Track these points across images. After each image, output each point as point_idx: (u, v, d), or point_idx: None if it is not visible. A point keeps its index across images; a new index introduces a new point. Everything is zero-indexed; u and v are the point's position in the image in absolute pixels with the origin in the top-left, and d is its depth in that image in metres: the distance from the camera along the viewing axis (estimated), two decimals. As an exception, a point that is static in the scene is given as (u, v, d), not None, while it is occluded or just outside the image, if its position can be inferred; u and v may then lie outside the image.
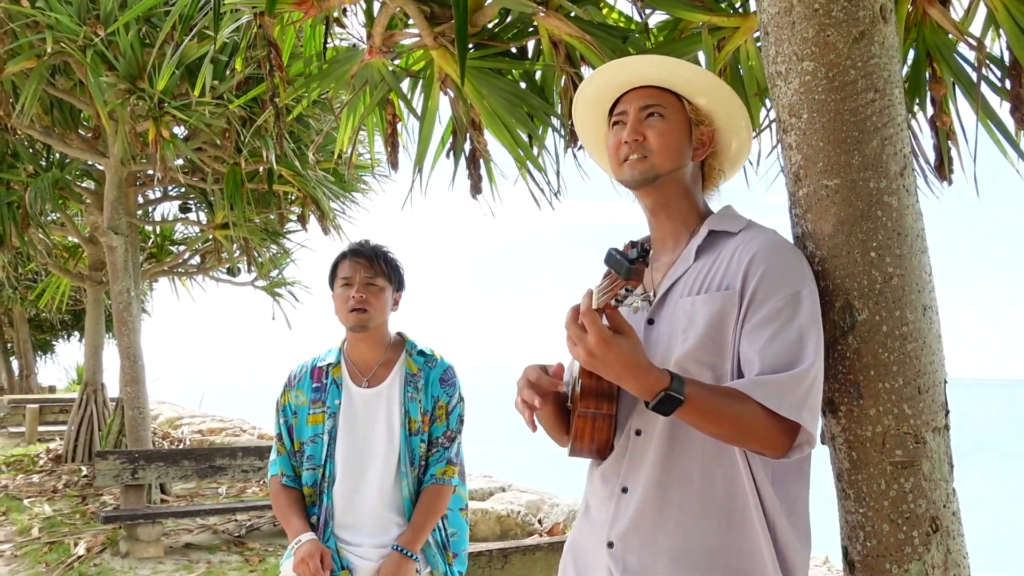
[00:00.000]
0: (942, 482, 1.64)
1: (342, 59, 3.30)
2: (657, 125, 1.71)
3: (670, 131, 1.71)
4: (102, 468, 6.30)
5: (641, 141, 1.71)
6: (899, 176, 1.64)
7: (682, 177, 1.73)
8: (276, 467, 2.66)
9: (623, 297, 1.42)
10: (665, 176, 1.71)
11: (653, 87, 1.75)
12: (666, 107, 1.72)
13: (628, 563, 1.63)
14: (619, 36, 3.31)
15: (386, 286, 2.58)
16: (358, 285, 2.54)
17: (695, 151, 1.74)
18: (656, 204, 1.76)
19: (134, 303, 7.95)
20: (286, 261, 11.07)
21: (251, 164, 7.52)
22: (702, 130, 1.75)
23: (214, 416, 14.48)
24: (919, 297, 1.63)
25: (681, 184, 1.74)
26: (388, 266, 2.60)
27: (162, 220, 10.90)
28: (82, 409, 10.27)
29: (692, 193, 1.76)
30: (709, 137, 1.75)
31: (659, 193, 1.74)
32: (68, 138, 8.20)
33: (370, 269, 2.56)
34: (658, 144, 1.70)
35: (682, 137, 1.72)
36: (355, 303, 2.52)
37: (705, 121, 1.75)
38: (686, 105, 1.74)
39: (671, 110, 1.72)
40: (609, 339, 1.43)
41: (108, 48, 6.25)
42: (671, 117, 1.72)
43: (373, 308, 2.54)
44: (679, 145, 1.72)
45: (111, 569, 5.76)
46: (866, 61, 1.63)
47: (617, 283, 1.40)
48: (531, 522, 5.89)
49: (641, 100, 1.74)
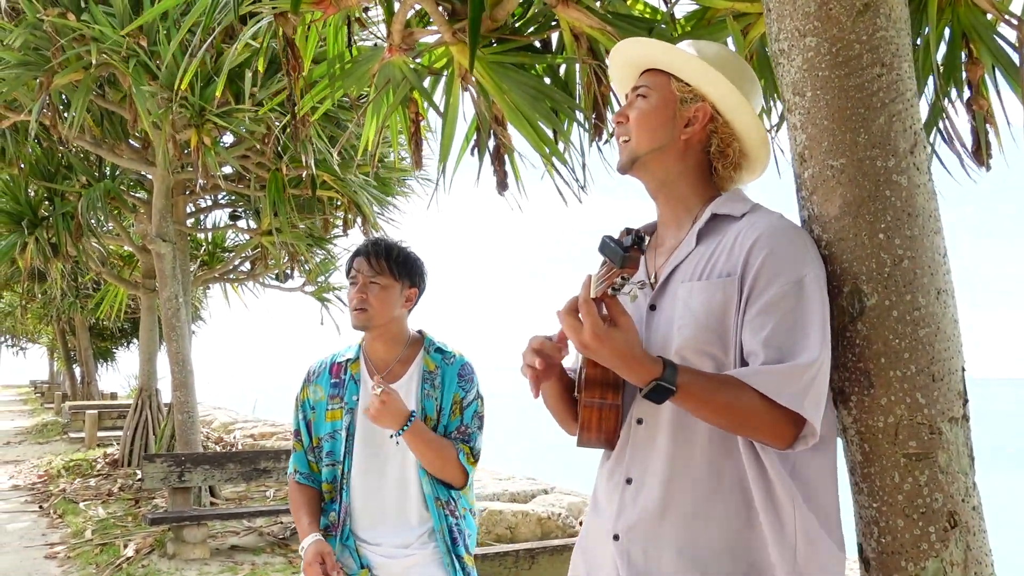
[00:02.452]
0: (960, 475, 1.55)
1: (363, 59, 3.30)
2: (639, 105, 1.69)
3: (648, 110, 1.68)
4: (150, 471, 6.41)
5: (624, 123, 1.70)
6: (909, 154, 1.56)
7: (669, 157, 1.67)
8: (292, 465, 2.66)
9: (619, 286, 1.39)
10: (646, 156, 1.67)
11: (650, 70, 1.72)
12: (651, 87, 1.69)
13: (633, 556, 1.59)
14: (644, 27, 3.25)
15: (391, 284, 2.56)
16: (360, 284, 2.54)
17: (684, 128, 1.67)
18: (650, 186, 1.72)
19: (183, 309, 8.09)
20: (333, 266, 11.19)
21: (292, 170, 7.61)
22: (692, 107, 1.67)
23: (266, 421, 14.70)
24: (932, 280, 1.55)
25: (672, 164, 1.68)
26: (392, 264, 2.57)
27: (213, 227, 11.11)
28: (137, 414, 10.51)
29: (690, 174, 1.69)
30: (703, 113, 1.67)
31: (647, 174, 1.70)
32: (118, 149, 8.40)
33: (371, 268, 2.55)
34: (635, 125, 1.68)
35: (663, 115, 1.67)
36: (355, 303, 2.53)
37: (695, 97, 1.67)
38: (673, 83, 1.68)
39: (655, 89, 1.69)
40: (603, 332, 1.40)
41: (151, 58, 6.38)
42: (653, 96, 1.68)
43: (373, 307, 2.52)
44: (658, 124, 1.67)
45: (158, 570, 5.86)
46: (871, 34, 1.56)
47: (613, 272, 1.37)
48: (572, 524, 5.83)
49: (638, 82, 1.73)
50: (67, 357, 25.04)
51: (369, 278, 2.54)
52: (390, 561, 2.53)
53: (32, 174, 8.88)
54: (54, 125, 7.16)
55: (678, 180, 1.69)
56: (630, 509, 1.61)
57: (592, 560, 1.71)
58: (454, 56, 3.16)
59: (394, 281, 2.56)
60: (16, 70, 6.54)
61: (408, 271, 2.59)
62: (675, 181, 1.69)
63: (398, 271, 2.57)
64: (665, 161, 1.68)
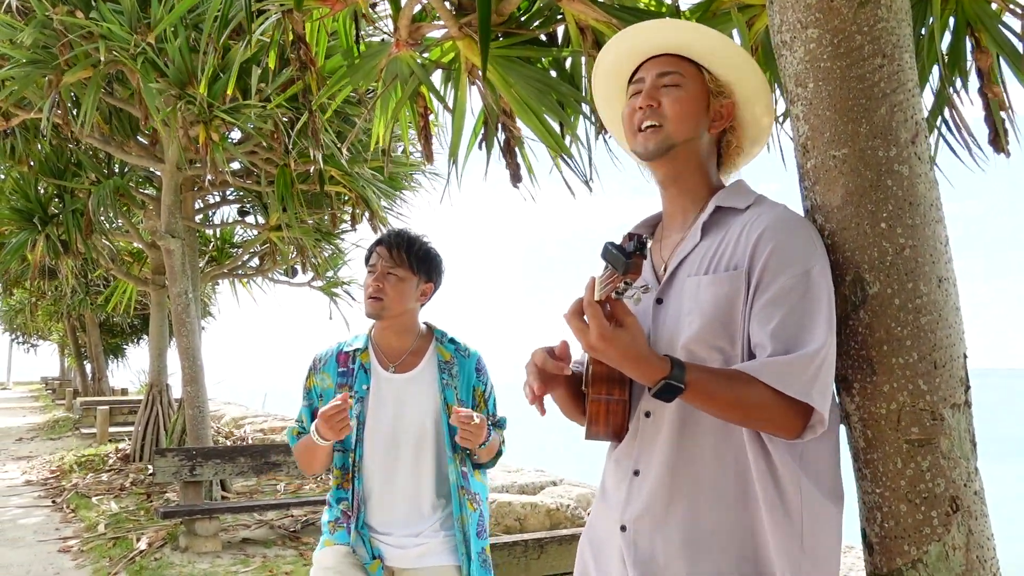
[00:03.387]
0: (962, 460, 1.57)
1: (371, 54, 3.32)
2: (673, 92, 1.66)
3: (686, 99, 1.66)
4: (161, 465, 6.47)
5: (656, 107, 1.66)
6: (910, 144, 1.58)
7: (696, 149, 1.69)
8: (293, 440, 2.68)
9: (623, 290, 1.40)
10: (679, 146, 1.66)
11: (671, 56, 1.70)
12: (684, 75, 1.68)
13: (640, 547, 1.61)
14: (648, 19, 3.26)
15: (408, 276, 2.60)
16: (377, 274, 2.58)
17: (712, 123, 1.69)
18: (668, 177, 1.72)
19: (192, 305, 8.14)
20: (341, 261, 11.22)
21: (300, 165, 7.64)
22: (721, 102, 1.69)
23: (276, 415, 14.76)
24: (933, 268, 1.57)
25: (695, 157, 1.69)
26: (412, 257, 2.61)
27: (221, 223, 11.16)
28: (148, 409, 10.57)
29: (705, 167, 1.71)
30: (728, 110, 1.70)
31: (672, 165, 1.69)
32: (127, 146, 8.44)
33: (391, 259, 2.59)
34: (673, 112, 1.65)
35: (699, 107, 1.67)
36: (371, 291, 2.56)
37: (724, 92, 1.69)
38: (705, 75, 1.69)
39: (689, 78, 1.68)
40: (609, 334, 1.41)
41: (159, 55, 6.41)
42: (688, 86, 1.67)
43: (388, 298, 2.57)
44: (695, 115, 1.67)
45: (170, 563, 5.91)
46: (872, 25, 1.58)
47: (616, 277, 1.38)
48: (581, 515, 5.86)
49: (659, 67, 1.70)
50: (78, 353, 25.17)
51: (387, 268, 2.58)
52: (401, 551, 2.56)
53: (42, 172, 8.93)
54: (64, 123, 7.20)
55: (694, 172, 1.70)
56: (637, 500, 1.63)
57: (599, 549, 1.73)
58: (461, 50, 3.18)
59: (412, 274, 2.60)
60: (26, 68, 6.58)
61: (427, 266, 2.63)
62: (691, 173, 1.70)
63: (417, 265, 2.61)
64: (692, 152, 1.69)
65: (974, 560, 1.56)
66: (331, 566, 2.54)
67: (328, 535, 2.64)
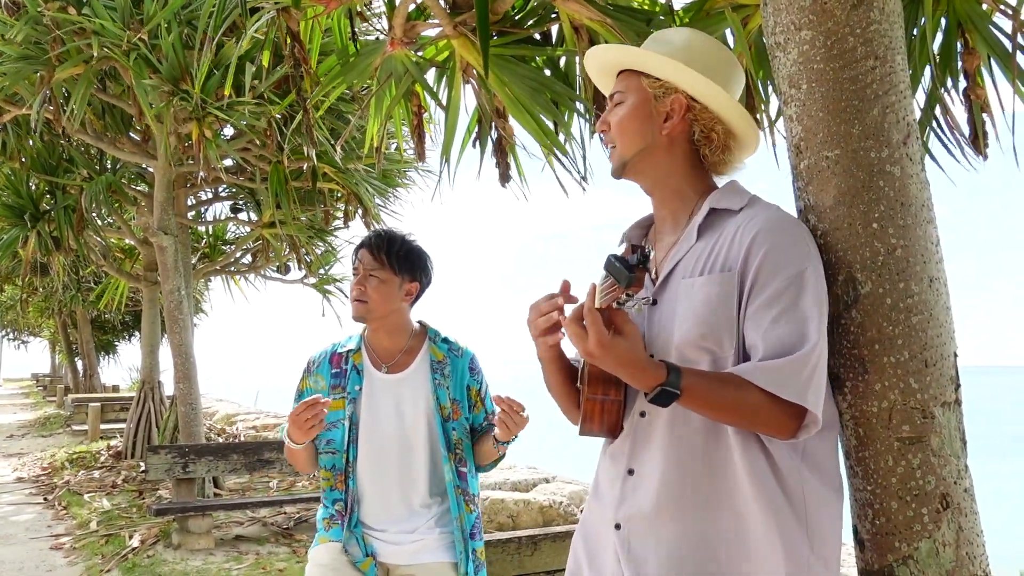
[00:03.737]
0: (953, 458, 1.59)
1: (365, 52, 3.33)
2: (616, 111, 1.72)
3: (626, 115, 1.70)
4: (154, 462, 6.47)
5: (607, 131, 1.73)
6: (902, 145, 1.60)
7: (655, 155, 1.69)
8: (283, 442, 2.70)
9: (623, 301, 1.42)
10: (632, 159, 1.70)
11: (624, 72, 1.75)
12: (626, 90, 1.72)
13: (634, 545, 1.62)
14: (643, 19, 3.28)
15: (390, 277, 2.58)
16: (360, 276, 2.57)
17: (664, 123, 1.68)
18: (646, 186, 1.75)
19: (185, 302, 8.13)
20: (334, 258, 11.22)
21: (294, 162, 7.64)
22: (667, 101, 1.68)
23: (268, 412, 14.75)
24: (924, 268, 1.59)
25: (659, 162, 1.70)
26: (392, 257, 2.59)
27: (213, 220, 11.14)
28: (140, 407, 10.56)
29: (680, 168, 1.70)
30: (679, 105, 1.67)
31: (639, 177, 1.73)
32: (119, 142, 8.43)
33: (372, 261, 2.58)
34: (616, 131, 1.71)
35: (640, 116, 1.69)
36: (355, 294, 2.57)
37: (666, 92, 1.68)
38: (644, 81, 1.70)
39: (630, 92, 1.71)
40: (607, 341, 1.43)
41: (152, 51, 6.40)
42: (629, 99, 1.71)
43: (371, 300, 2.56)
44: (637, 126, 1.69)
45: (163, 560, 5.91)
46: (865, 27, 1.59)
47: (617, 288, 1.39)
48: (573, 512, 5.88)
49: (614, 88, 1.76)
50: (69, 350, 25.10)
51: (369, 271, 2.57)
52: (396, 548, 2.56)
53: (33, 168, 8.91)
54: (55, 119, 7.18)
55: (670, 175, 1.71)
56: (631, 499, 1.64)
57: (593, 546, 1.74)
58: (456, 49, 3.19)
59: (393, 275, 2.58)
60: (17, 64, 6.57)
61: (409, 265, 2.61)
62: (667, 177, 1.71)
63: (398, 265, 2.58)
64: (654, 160, 1.70)
65: (964, 556, 1.58)
66: (326, 563, 2.55)
67: (323, 532, 2.64)
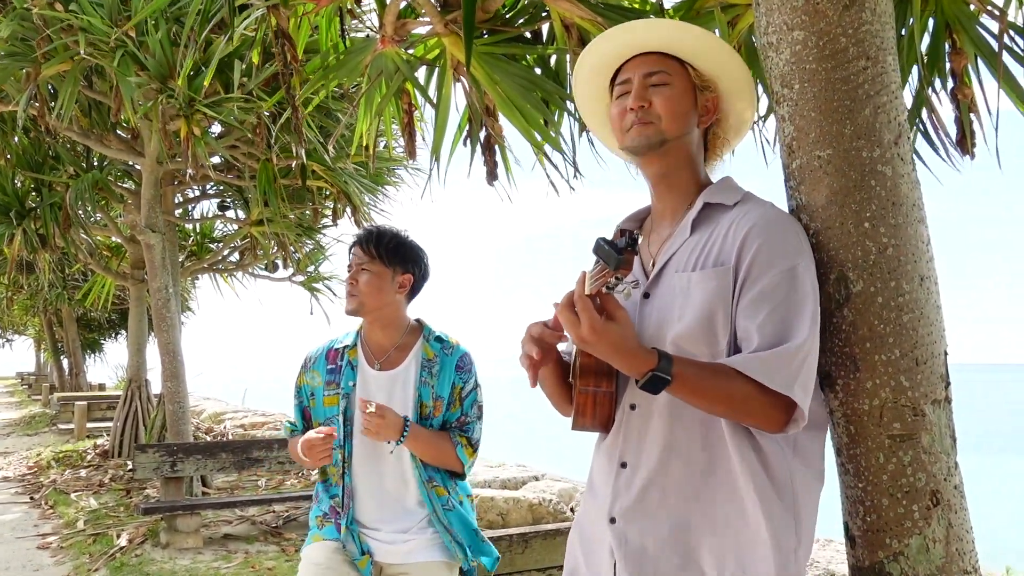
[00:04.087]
0: (943, 455, 1.61)
1: (356, 50, 3.32)
2: (663, 91, 1.69)
3: (676, 96, 1.69)
4: (142, 461, 6.43)
5: (647, 107, 1.68)
6: (893, 145, 1.61)
7: (687, 144, 1.71)
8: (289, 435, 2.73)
9: (613, 285, 1.43)
10: (672, 142, 1.69)
11: (655, 54, 1.71)
12: (671, 73, 1.70)
13: (630, 538, 1.63)
14: (633, 17, 3.28)
15: (381, 270, 2.61)
16: (353, 271, 2.61)
17: (701, 118, 1.72)
18: (659, 173, 1.73)
19: (172, 300, 8.09)
20: (322, 256, 11.19)
21: (283, 160, 7.61)
22: (707, 96, 1.72)
23: (256, 411, 14.70)
24: (915, 267, 1.60)
25: (686, 152, 1.72)
26: (383, 250, 2.62)
27: (201, 218, 11.09)
28: (127, 405, 10.51)
29: (695, 162, 1.74)
30: (714, 104, 1.73)
31: (664, 161, 1.71)
32: (106, 139, 8.37)
33: (363, 255, 2.61)
34: (665, 110, 1.67)
35: (688, 103, 1.70)
36: (347, 288, 2.61)
37: (710, 87, 1.72)
38: (690, 71, 1.71)
39: (675, 76, 1.70)
40: (599, 327, 1.44)
41: (139, 48, 6.36)
42: (676, 83, 1.69)
43: (362, 293, 2.59)
44: (685, 111, 1.69)
45: (151, 559, 5.89)
46: (857, 28, 1.60)
47: (607, 272, 1.41)
48: (563, 510, 5.89)
49: (645, 67, 1.71)
50: (54, 348, 24.94)
51: (360, 265, 2.60)
52: (390, 547, 2.57)
53: (19, 165, 8.85)
54: (41, 115, 7.14)
55: (684, 168, 1.72)
56: (625, 492, 1.65)
57: (588, 541, 1.75)
58: (447, 47, 3.19)
59: (385, 267, 2.61)
60: (4, 61, 6.52)
61: (400, 257, 2.63)
62: (682, 169, 1.72)
63: (388, 257, 2.61)
64: (683, 148, 1.71)
65: (953, 552, 1.60)
66: (320, 562, 2.55)
67: (317, 530, 2.65)
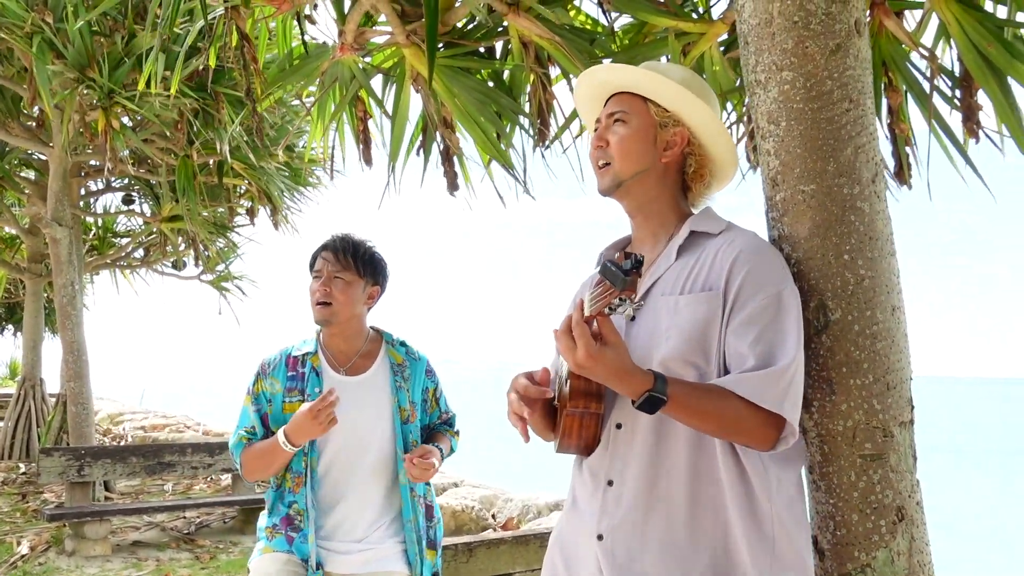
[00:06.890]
0: (907, 473, 1.73)
1: (312, 56, 3.30)
2: (618, 131, 1.77)
3: (630, 136, 1.76)
4: (47, 465, 6.17)
5: (604, 147, 1.78)
6: (871, 183, 1.72)
7: (650, 180, 1.78)
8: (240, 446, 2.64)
9: (616, 306, 1.48)
10: (628, 181, 1.77)
11: (624, 93, 1.81)
12: (629, 112, 1.78)
13: (617, 555, 1.67)
14: (586, 38, 3.36)
15: (355, 280, 2.61)
16: (324, 278, 2.59)
17: (663, 153, 1.78)
18: (631, 207, 1.82)
19: (78, 297, 7.78)
20: (233, 255, 10.91)
21: (203, 156, 7.42)
22: (671, 131, 1.77)
23: (156, 412, 14.18)
24: (888, 298, 1.72)
25: (650, 187, 1.78)
26: (358, 260, 2.63)
27: (104, 212, 10.67)
28: (19, 405, 10.00)
29: (668, 195, 1.80)
30: (682, 137, 1.78)
31: (629, 197, 1.80)
32: (9, 126, 7.98)
33: (337, 263, 2.60)
34: (617, 150, 1.77)
35: (644, 140, 1.77)
36: (320, 296, 2.58)
37: (672, 123, 1.78)
38: (651, 108, 1.78)
39: (634, 114, 1.78)
40: (596, 352, 1.49)
41: (56, 35, 6.11)
42: (633, 121, 1.77)
43: (337, 302, 2.58)
44: (640, 149, 1.76)
45: (57, 568, 5.65)
46: (842, 72, 1.71)
47: (612, 293, 1.46)
48: (485, 517, 5.94)
49: (612, 106, 1.81)
50: (-69, 343, 23.50)
51: (334, 273, 2.59)
52: (344, 557, 2.56)
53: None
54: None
55: (657, 200, 1.79)
56: (613, 510, 1.70)
57: (571, 557, 1.79)
58: (407, 57, 3.20)
59: (359, 278, 2.62)
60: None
61: (373, 270, 2.65)
62: (654, 201, 1.79)
63: (363, 268, 2.62)
64: (646, 184, 1.78)
65: (915, 564, 1.72)
66: (272, 573, 2.52)
67: (266, 542, 2.61)
